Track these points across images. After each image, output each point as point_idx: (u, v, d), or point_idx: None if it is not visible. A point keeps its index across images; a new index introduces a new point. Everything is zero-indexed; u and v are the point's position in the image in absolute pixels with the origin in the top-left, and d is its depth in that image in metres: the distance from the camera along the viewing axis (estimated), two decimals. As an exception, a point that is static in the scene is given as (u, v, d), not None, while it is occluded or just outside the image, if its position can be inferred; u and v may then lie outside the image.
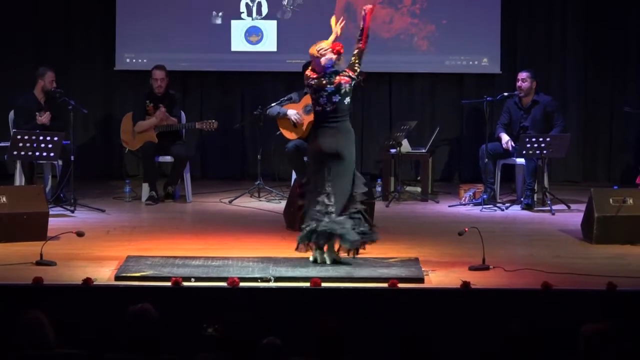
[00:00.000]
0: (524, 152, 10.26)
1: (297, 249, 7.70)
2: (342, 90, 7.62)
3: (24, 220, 8.58)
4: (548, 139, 10.25)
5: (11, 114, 10.82)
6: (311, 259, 7.70)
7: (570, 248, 8.64)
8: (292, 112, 10.82)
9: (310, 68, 7.76)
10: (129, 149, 11.02)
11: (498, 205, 10.44)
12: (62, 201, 10.23)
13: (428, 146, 11.41)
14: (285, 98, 10.93)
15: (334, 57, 7.65)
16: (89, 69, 12.28)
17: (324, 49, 7.66)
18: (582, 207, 9.27)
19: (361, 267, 7.60)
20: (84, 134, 12.17)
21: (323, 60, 7.64)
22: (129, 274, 7.31)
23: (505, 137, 10.70)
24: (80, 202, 10.26)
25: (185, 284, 7.08)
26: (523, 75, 10.82)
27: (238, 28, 12.16)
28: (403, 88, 12.42)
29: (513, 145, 10.59)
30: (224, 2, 12.16)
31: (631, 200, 8.77)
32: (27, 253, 7.96)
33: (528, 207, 10.36)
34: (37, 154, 9.78)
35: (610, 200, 8.77)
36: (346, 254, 7.68)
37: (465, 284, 7.01)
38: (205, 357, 5.41)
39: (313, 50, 7.69)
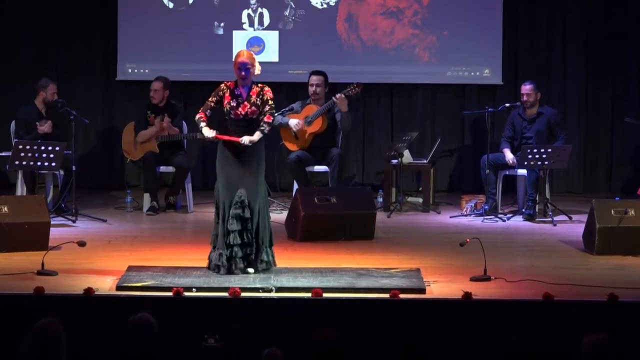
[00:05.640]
0: (526, 163, 10.26)
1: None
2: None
3: (26, 230, 8.59)
4: (549, 150, 10.25)
5: (13, 124, 10.83)
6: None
7: (572, 259, 8.64)
8: (294, 122, 10.82)
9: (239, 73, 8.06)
10: (130, 159, 11.01)
11: (499, 216, 10.44)
12: (64, 211, 10.23)
13: (429, 157, 11.41)
14: (287, 109, 10.94)
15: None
16: (90, 79, 12.28)
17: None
18: (583, 218, 9.26)
19: (363, 277, 7.60)
20: (85, 144, 12.16)
21: (257, 71, 8.01)
22: (130, 284, 7.30)
23: (509, 155, 10.65)
24: (82, 212, 10.26)
25: (187, 294, 7.08)
26: (527, 88, 10.78)
27: (240, 39, 12.17)
28: (404, 99, 12.41)
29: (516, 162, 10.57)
30: (225, 13, 12.17)
31: (632, 212, 8.76)
32: (28, 263, 7.96)
33: (529, 217, 10.35)
34: (39, 163, 9.79)
35: (612, 211, 8.76)
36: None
37: (467, 295, 7.01)
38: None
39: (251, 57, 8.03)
